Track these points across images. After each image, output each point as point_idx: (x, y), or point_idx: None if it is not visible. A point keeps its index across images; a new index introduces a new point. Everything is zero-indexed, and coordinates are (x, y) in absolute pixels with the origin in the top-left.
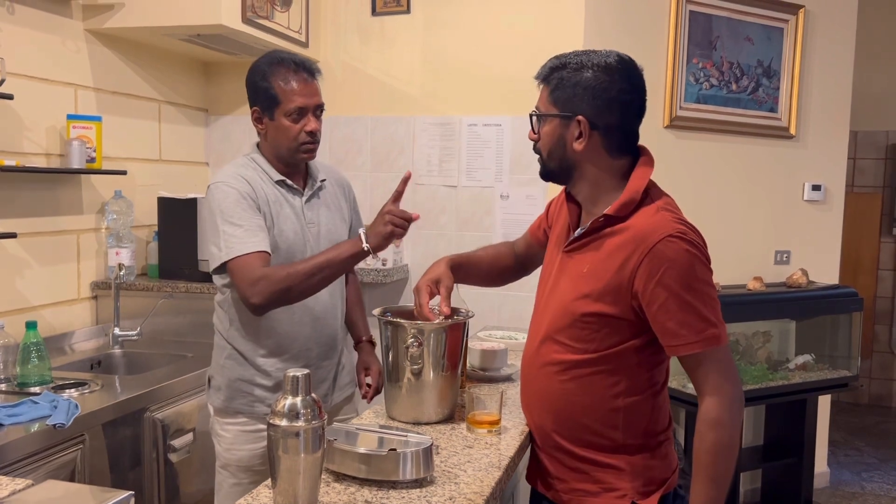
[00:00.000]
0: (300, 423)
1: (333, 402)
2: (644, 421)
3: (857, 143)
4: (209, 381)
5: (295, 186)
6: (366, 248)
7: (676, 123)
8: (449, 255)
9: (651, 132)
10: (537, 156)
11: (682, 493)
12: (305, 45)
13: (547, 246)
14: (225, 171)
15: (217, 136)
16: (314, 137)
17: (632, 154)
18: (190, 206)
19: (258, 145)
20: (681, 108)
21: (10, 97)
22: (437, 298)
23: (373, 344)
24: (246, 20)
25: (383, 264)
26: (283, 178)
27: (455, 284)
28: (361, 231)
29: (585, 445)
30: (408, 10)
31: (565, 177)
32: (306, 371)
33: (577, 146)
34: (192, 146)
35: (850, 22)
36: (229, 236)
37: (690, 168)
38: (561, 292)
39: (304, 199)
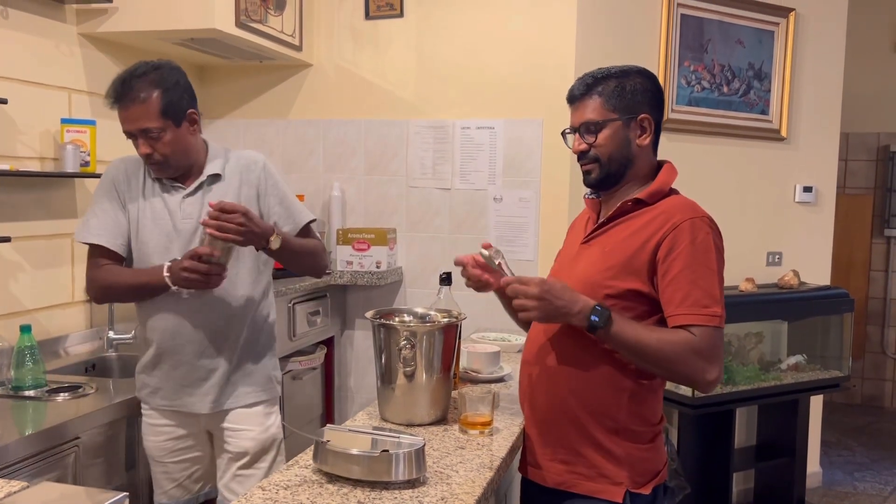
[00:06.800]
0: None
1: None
2: (644, 407)
3: (849, 145)
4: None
5: (176, 185)
6: (169, 284)
7: (668, 126)
8: None
9: None
10: (590, 165)
11: (671, 487)
12: (299, 48)
13: (558, 255)
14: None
15: (212, 139)
16: (150, 159)
17: None
18: None
19: None
20: (672, 110)
21: (3, 101)
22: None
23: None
24: (239, 24)
25: (377, 266)
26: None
27: (448, 288)
28: (167, 266)
29: (593, 418)
30: (401, 14)
31: (618, 178)
32: None
33: (641, 142)
34: None
35: (840, 25)
36: (87, 219)
37: (682, 170)
38: (580, 272)
39: (185, 194)
